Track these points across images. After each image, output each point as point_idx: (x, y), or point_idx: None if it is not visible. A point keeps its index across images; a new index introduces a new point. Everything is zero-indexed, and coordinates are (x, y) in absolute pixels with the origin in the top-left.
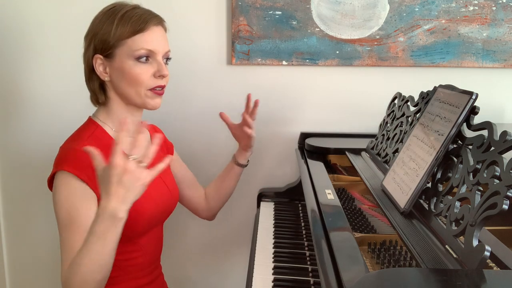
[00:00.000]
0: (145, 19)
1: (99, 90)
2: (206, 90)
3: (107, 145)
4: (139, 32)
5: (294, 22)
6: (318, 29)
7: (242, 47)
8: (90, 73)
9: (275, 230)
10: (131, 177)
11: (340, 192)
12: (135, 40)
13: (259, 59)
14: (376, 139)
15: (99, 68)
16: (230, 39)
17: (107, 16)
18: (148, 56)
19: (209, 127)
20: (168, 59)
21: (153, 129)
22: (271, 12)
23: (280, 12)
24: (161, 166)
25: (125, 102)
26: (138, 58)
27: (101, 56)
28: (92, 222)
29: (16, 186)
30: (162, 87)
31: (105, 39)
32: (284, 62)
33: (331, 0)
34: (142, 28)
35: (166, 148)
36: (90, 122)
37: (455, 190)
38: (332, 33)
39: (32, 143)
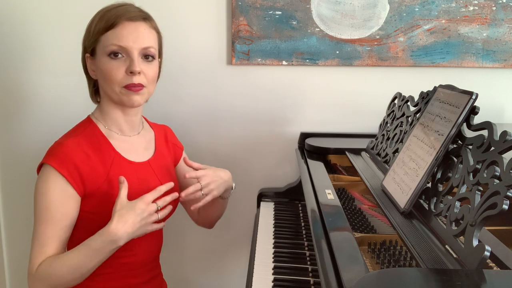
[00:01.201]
0: (117, 15)
1: (92, 89)
2: (206, 90)
3: (97, 141)
4: (111, 28)
5: (294, 22)
6: (318, 29)
7: (242, 47)
8: (86, 73)
9: (275, 230)
10: (148, 219)
11: (340, 192)
12: (107, 36)
13: (259, 59)
14: (376, 139)
15: (90, 67)
16: (230, 39)
17: (94, 16)
18: (119, 52)
19: (209, 127)
20: (150, 56)
21: (163, 129)
22: (271, 12)
23: (280, 12)
24: (160, 225)
25: (111, 100)
26: (109, 54)
27: (88, 55)
28: (91, 238)
29: (17, 186)
30: (135, 85)
31: (88, 38)
32: (284, 62)
33: (331, 0)
34: (113, 24)
35: (173, 148)
36: (87, 120)
37: (455, 190)
38: (332, 33)
39: (33, 142)
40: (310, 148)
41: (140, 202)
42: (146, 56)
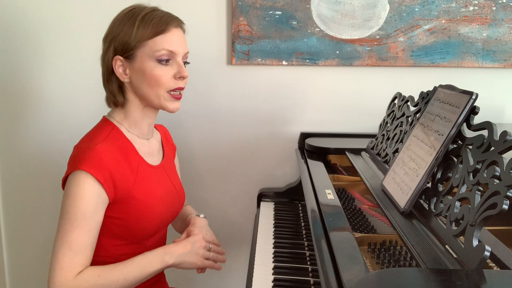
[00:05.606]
0: (166, 21)
1: (118, 91)
2: (206, 90)
3: (123, 146)
4: (160, 33)
5: (294, 22)
6: (318, 29)
7: (242, 47)
8: (109, 75)
9: (275, 230)
10: (201, 254)
11: (340, 192)
12: (156, 41)
13: (259, 59)
14: (376, 139)
15: (118, 69)
16: (230, 39)
17: (127, 18)
18: (169, 58)
19: (209, 127)
20: (186, 62)
21: (163, 129)
22: (271, 12)
23: (280, 12)
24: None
25: (143, 104)
26: (159, 59)
27: (121, 58)
28: (142, 256)
29: (17, 186)
30: (181, 89)
31: (125, 41)
32: (284, 62)
33: (331, 0)
34: (163, 30)
35: (172, 148)
36: (106, 122)
37: (455, 190)
38: (332, 33)
39: (33, 144)
40: (310, 148)
41: (201, 242)
42: (184, 62)
